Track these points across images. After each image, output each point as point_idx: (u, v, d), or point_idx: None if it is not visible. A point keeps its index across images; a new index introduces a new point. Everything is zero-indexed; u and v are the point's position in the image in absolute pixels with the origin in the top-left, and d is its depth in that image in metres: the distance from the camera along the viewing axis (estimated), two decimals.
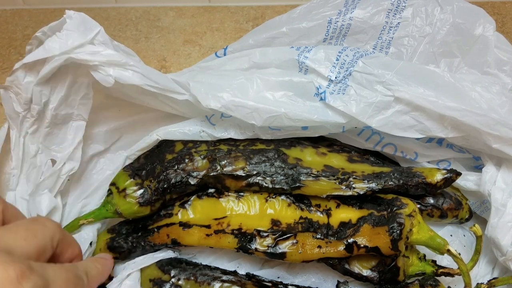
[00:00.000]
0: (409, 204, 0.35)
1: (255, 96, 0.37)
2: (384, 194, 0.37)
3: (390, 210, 0.35)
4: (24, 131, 0.37)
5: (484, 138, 0.35)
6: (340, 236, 0.36)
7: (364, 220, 0.36)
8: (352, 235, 0.35)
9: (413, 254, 0.37)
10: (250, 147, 0.40)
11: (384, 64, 0.36)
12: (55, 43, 0.33)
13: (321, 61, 0.38)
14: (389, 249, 0.34)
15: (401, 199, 0.36)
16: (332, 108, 0.37)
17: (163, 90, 0.36)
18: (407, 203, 0.35)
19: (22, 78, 0.35)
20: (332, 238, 0.36)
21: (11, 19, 0.69)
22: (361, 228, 0.35)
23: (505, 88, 0.35)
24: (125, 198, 0.39)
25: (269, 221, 0.38)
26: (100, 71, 0.34)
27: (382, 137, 0.40)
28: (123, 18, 0.68)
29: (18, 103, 0.35)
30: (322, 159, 0.40)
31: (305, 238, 0.36)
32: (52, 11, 0.70)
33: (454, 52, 0.39)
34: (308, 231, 0.37)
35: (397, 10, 0.41)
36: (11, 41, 0.66)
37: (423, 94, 0.34)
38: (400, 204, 0.35)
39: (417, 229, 0.34)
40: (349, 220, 0.37)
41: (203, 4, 0.69)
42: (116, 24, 0.67)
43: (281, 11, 0.67)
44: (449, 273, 0.36)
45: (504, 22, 0.64)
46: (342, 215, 0.37)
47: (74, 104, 0.38)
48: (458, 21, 0.39)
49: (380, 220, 0.35)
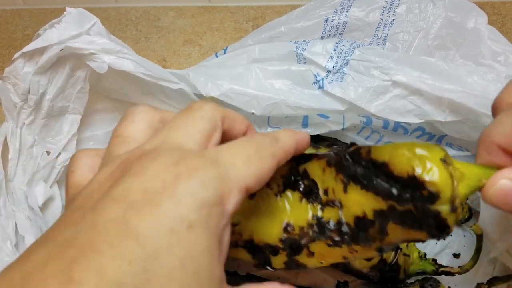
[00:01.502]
0: (440, 184, 0.21)
1: (254, 84, 0.38)
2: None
3: (417, 203, 0.23)
4: (21, 122, 0.37)
5: (482, 120, 0.35)
6: (361, 239, 0.26)
7: (385, 218, 0.25)
8: (381, 239, 0.25)
9: (413, 252, 0.37)
10: None
11: (381, 54, 0.37)
12: (53, 34, 0.34)
13: (318, 52, 0.39)
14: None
15: (425, 179, 0.22)
16: (331, 95, 0.37)
17: (157, 78, 0.36)
18: (438, 187, 0.21)
19: (21, 68, 0.35)
20: (353, 242, 0.27)
21: (11, 19, 0.70)
22: (387, 229, 0.25)
23: (500, 76, 0.35)
24: None
25: (280, 227, 0.31)
26: (95, 60, 0.34)
27: (382, 135, 0.40)
28: (123, 18, 0.69)
29: (15, 94, 0.36)
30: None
31: (320, 248, 0.29)
32: (52, 11, 0.70)
33: (448, 45, 0.40)
34: (320, 239, 0.29)
35: (391, 8, 0.42)
36: (11, 41, 0.66)
37: (420, 77, 0.35)
38: (427, 194, 0.22)
39: (464, 186, 0.23)
40: (364, 213, 0.26)
41: (203, 4, 0.70)
42: (116, 24, 0.68)
43: (281, 11, 0.68)
44: (449, 272, 0.36)
45: (504, 22, 0.64)
46: (354, 204, 0.27)
47: (71, 97, 0.38)
48: (450, 15, 0.39)
49: (408, 219, 0.23)
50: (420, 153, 0.22)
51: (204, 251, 0.18)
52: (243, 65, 0.40)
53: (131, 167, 0.20)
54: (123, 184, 0.19)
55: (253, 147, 0.22)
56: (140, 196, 0.18)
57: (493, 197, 0.23)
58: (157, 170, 0.19)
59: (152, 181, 0.18)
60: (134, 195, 0.18)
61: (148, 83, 0.37)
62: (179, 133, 0.22)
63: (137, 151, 0.21)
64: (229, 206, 0.20)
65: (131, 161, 0.20)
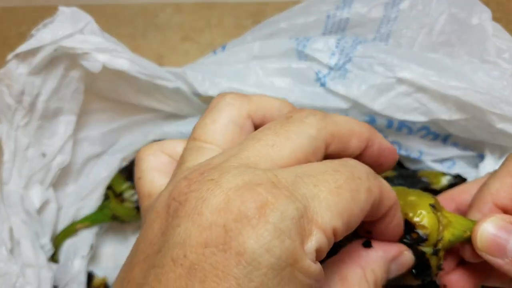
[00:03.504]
0: (429, 227, 0.24)
1: (254, 82, 0.37)
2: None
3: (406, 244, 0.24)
4: (16, 124, 0.36)
5: (488, 118, 0.34)
6: None
7: None
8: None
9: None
10: None
11: (385, 50, 0.36)
12: (46, 34, 0.34)
13: (320, 49, 0.38)
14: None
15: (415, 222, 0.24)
16: (334, 93, 0.37)
17: (152, 77, 0.36)
18: (426, 230, 0.24)
19: (15, 69, 0.35)
20: None
21: (4, 17, 0.69)
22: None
23: (505, 74, 0.35)
24: (123, 202, 0.39)
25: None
26: (89, 59, 0.34)
27: (386, 135, 0.40)
28: (120, 15, 0.68)
29: (9, 95, 0.35)
30: None
31: None
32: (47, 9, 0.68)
33: (452, 41, 0.39)
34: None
35: (394, 4, 0.41)
36: (5, 39, 0.65)
37: (425, 74, 0.34)
38: (416, 236, 0.24)
39: (449, 233, 0.25)
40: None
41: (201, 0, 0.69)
42: (113, 21, 0.67)
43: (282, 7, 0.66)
44: None
45: (509, 20, 0.64)
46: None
47: (66, 98, 0.38)
48: (454, 10, 0.39)
49: None
50: (411, 200, 0.24)
51: None
52: (243, 63, 0.40)
53: (187, 199, 0.16)
54: (178, 230, 0.16)
55: (346, 174, 0.17)
56: (201, 256, 0.15)
57: (484, 243, 0.22)
58: (213, 212, 0.15)
59: (211, 230, 0.15)
60: (191, 253, 0.15)
61: (143, 82, 0.37)
62: (262, 151, 0.17)
63: (204, 167, 0.17)
64: (311, 251, 0.15)
65: (190, 185, 0.17)
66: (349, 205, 0.16)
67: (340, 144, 0.20)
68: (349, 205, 0.16)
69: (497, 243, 0.22)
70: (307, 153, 0.18)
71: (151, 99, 0.40)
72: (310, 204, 0.16)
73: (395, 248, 0.22)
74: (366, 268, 0.19)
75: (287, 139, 0.18)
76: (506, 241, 0.21)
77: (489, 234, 0.22)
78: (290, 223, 0.15)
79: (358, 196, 0.17)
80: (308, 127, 0.18)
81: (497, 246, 0.22)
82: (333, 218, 0.16)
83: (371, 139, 0.21)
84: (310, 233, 0.15)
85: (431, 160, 0.40)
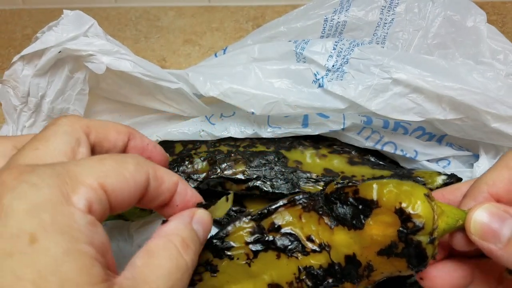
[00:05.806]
0: (424, 216, 0.24)
1: (253, 83, 0.38)
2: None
3: (401, 234, 0.24)
4: (21, 125, 0.37)
5: (482, 117, 0.35)
6: (353, 278, 0.28)
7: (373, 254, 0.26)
8: (368, 275, 0.27)
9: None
10: (250, 149, 0.41)
11: (381, 52, 0.37)
12: (51, 36, 0.34)
13: (318, 51, 0.39)
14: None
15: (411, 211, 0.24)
16: (331, 94, 0.37)
17: (155, 78, 0.36)
18: (422, 219, 0.24)
19: (20, 71, 0.35)
20: (345, 280, 0.28)
21: (10, 19, 0.70)
22: (374, 266, 0.27)
23: (499, 74, 0.35)
24: None
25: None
26: (93, 61, 0.34)
27: (382, 135, 0.40)
28: (123, 18, 0.69)
29: (15, 97, 0.36)
30: (322, 162, 0.40)
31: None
32: (52, 11, 0.70)
33: (448, 43, 0.40)
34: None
35: (390, 7, 0.42)
36: (10, 41, 0.66)
37: (420, 75, 0.35)
38: (412, 225, 0.24)
39: (443, 222, 0.24)
40: (353, 253, 0.27)
41: (203, 4, 0.70)
42: (116, 24, 0.68)
43: (281, 11, 0.67)
44: None
45: (505, 22, 0.64)
46: (342, 245, 0.28)
47: (70, 99, 0.38)
48: (449, 13, 0.39)
49: (392, 250, 0.25)
50: (406, 189, 0.24)
51: (63, 259, 0.16)
52: (243, 65, 0.40)
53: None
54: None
55: (113, 156, 0.21)
56: None
57: (478, 228, 0.23)
58: None
59: None
60: None
61: (146, 84, 0.37)
62: (33, 152, 0.20)
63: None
64: (80, 203, 0.18)
65: None
66: (115, 168, 0.20)
67: (99, 133, 0.23)
68: (115, 168, 0.20)
69: (490, 228, 0.22)
70: (70, 144, 0.21)
71: (154, 100, 0.40)
72: (72, 169, 0.18)
73: (187, 212, 0.25)
74: (169, 236, 0.22)
75: (47, 141, 0.21)
76: (499, 227, 0.22)
77: (483, 219, 0.22)
78: (48, 178, 0.17)
79: (125, 165, 0.20)
80: (61, 126, 0.22)
81: (490, 231, 0.22)
82: (99, 176, 0.19)
83: (132, 133, 0.25)
84: (77, 188, 0.18)
85: (426, 160, 0.41)
